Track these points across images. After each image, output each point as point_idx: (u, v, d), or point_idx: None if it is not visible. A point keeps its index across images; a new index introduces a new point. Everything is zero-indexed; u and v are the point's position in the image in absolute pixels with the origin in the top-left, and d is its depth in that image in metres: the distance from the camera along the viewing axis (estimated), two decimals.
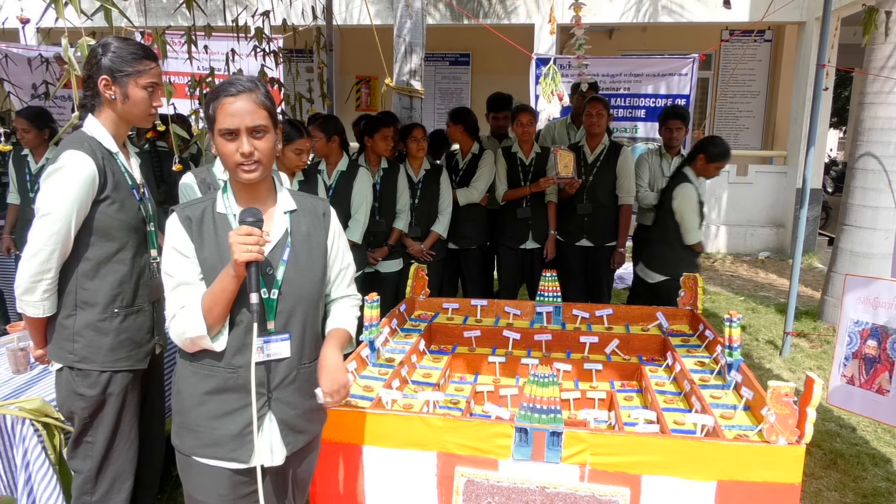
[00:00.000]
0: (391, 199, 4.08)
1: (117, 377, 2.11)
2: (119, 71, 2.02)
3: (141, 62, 2.04)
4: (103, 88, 2.03)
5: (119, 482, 2.18)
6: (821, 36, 4.57)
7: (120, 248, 2.09)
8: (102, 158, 2.02)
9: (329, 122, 3.90)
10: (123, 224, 2.07)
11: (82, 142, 2.01)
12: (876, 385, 2.60)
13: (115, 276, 2.09)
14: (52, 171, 1.97)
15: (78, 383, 2.08)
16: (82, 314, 2.06)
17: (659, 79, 5.58)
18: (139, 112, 2.08)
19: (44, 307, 2.03)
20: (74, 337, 2.06)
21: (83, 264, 2.04)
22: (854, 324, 2.69)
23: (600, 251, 4.39)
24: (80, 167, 1.96)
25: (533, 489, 2.04)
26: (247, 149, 1.58)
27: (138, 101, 2.06)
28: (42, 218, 1.94)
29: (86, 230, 2.02)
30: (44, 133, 4.21)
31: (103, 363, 2.08)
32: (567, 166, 4.15)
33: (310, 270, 1.72)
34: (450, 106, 7.20)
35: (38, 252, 1.94)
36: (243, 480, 1.70)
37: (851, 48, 8.83)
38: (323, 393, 1.66)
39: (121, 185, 2.07)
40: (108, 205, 2.03)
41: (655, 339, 3.08)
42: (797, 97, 8.44)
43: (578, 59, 5.37)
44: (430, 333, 3.21)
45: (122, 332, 2.11)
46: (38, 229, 1.94)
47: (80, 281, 2.05)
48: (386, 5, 8.50)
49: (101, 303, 2.07)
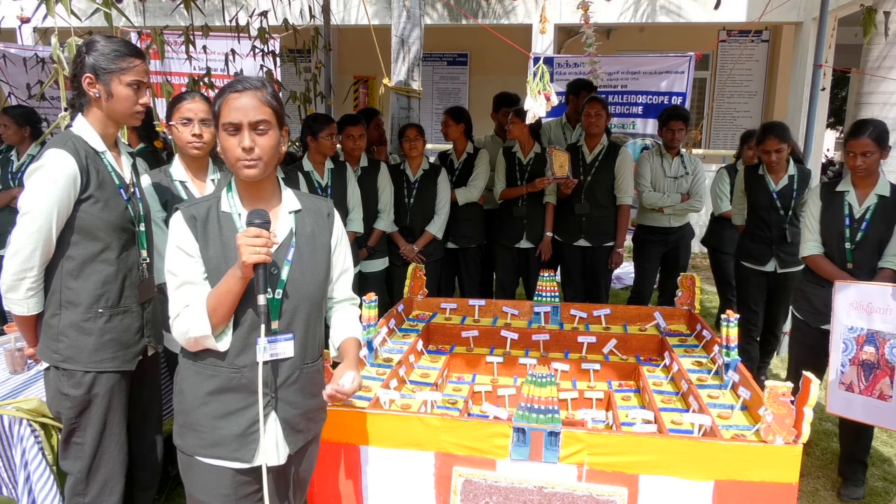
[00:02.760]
0: (371, 198, 4.05)
1: (102, 378, 2.10)
2: (102, 69, 2.01)
3: (124, 59, 2.03)
4: (87, 86, 2.03)
5: (111, 484, 2.17)
6: (818, 36, 4.58)
7: (104, 248, 2.07)
8: (86, 157, 2.01)
9: None
10: (108, 224, 2.06)
11: (66, 141, 2.00)
12: (877, 391, 2.58)
13: (99, 275, 2.07)
14: (33, 170, 1.97)
15: (63, 383, 2.07)
16: (66, 314, 2.05)
17: (656, 76, 5.61)
18: (124, 109, 2.07)
19: (28, 305, 2.02)
20: (59, 336, 2.05)
21: (67, 263, 2.04)
22: (848, 330, 2.67)
23: (598, 251, 4.39)
24: (60, 166, 1.95)
25: (531, 489, 2.04)
26: (247, 143, 1.57)
27: (122, 98, 2.05)
28: (23, 216, 1.95)
29: (69, 229, 2.01)
30: (24, 130, 4.27)
31: (87, 363, 2.06)
32: (562, 166, 4.16)
33: (313, 271, 1.73)
34: (447, 106, 7.21)
35: (20, 250, 1.95)
36: (245, 480, 1.70)
37: (848, 48, 8.85)
38: (335, 389, 1.67)
39: (106, 185, 2.06)
40: (92, 204, 2.02)
41: (653, 339, 3.09)
42: (794, 97, 8.45)
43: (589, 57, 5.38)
44: (427, 333, 3.21)
45: (106, 333, 2.09)
46: (19, 227, 1.95)
47: (65, 280, 2.04)
48: (384, 5, 8.50)
49: (85, 303, 2.05)
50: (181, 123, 2.55)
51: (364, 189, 3.99)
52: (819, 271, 3.08)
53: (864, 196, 3.00)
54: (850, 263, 3.00)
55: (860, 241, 2.98)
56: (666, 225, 4.53)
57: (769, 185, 3.83)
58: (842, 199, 3.05)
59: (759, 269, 3.91)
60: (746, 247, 3.98)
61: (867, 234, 2.96)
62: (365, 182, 4.02)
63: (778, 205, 3.80)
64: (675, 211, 4.50)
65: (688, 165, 4.54)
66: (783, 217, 3.80)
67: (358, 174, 4.01)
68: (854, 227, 2.99)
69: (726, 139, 10.14)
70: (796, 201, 3.78)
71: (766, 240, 3.86)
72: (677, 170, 4.52)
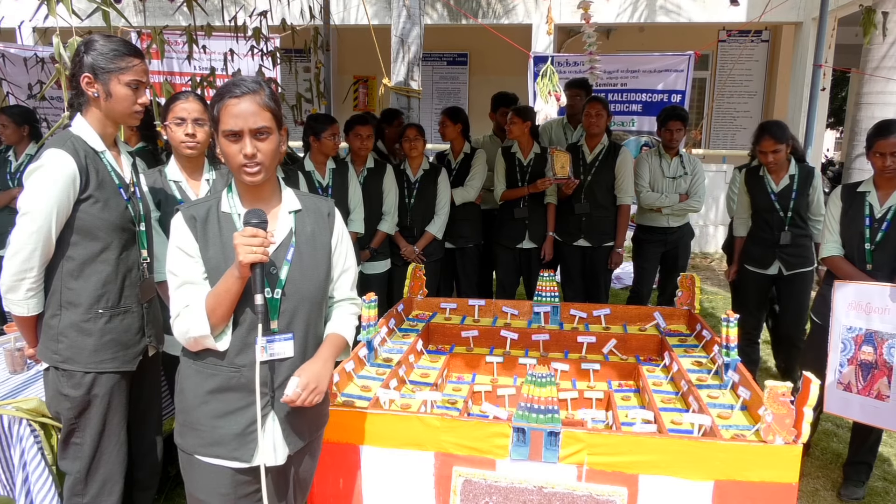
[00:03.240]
0: (376, 200, 4.05)
1: (102, 378, 2.10)
2: (101, 68, 2.01)
3: (123, 59, 2.03)
4: (86, 86, 2.03)
5: (110, 484, 2.17)
6: (818, 36, 4.59)
7: (104, 248, 2.07)
8: (86, 157, 2.01)
9: None
10: (107, 224, 2.06)
11: (65, 141, 2.00)
12: (875, 391, 2.58)
13: (99, 276, 2.07)
14: (32, 170, 1.97)
15: (63, 384, 2.07)
16: (66, 314, 2.05)
17: (655, 75, 5.61)
18: (122, 109, 2.07)
19: (28, 306, 2.02)
20: (59, 337, 2.05)
21: (68, 264, 2.03)
22: (847, 330, 2.67)
23: (598, 251, 4.39)
24: (60, 166, 1.95)
25: (530, 489, 2.04)
26: (249, 150, 1.58)
27: (121, 98, 2.05)
28: (23, 216, 1.95)
29: (69, 229, 2.01)
30: (22, 129, 4.27)
31: (87, 364, 2.06)
32: (563, 167, 4.16)
33: (313, 271, 1.72)
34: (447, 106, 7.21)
35: (20, 250, 1.94)
36: (245, 480, 1.70)
37: (848, 48, 8.86)
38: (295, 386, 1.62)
39: (105, 185, 2.06)
40: (92, 204, 2.02)
41: (653, 339, 3.08)
42: (794, 97, 8.46)
43: (590, 56, 5.38)
44: (427, 333, 3.21)
45: (106, 333, 2.09)
46: (19, 228, 1.95)
47: (65, 280, 2.04)
48: (384, 5, 8.50)
49: (85, 303, 2.05)
50: (175, 123, 2.55)
51: (369, 190, 4.00)
52: (838, 272, 3.03)
53: (885, 196, 2.96)
54: (870, 264, 2.95)
55: (880, 241, 2.93)
56: (665, 225, 4.53)
57: (769, 185, 3.76)
58: (863, 200, 3.01)
59: (761, 272, 3.85)
60: (749, 249, 3.93)
61: (888, 235, 2.92)
62: (370, 183, 4.03)
63: (777, 206, 3.73)
64: (674, 211, 4.50)
65: (686, 166, 4.53)
66: (784, 218, 3.73)
67: (364, 175, 4.02)
68: (874, 228, 2.96)
69: (726, 139, 10.15)
70: (797, 202, 3.70)
71: (767, 242, 3.80)
72: (676, 170, 4.51)
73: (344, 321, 1.84)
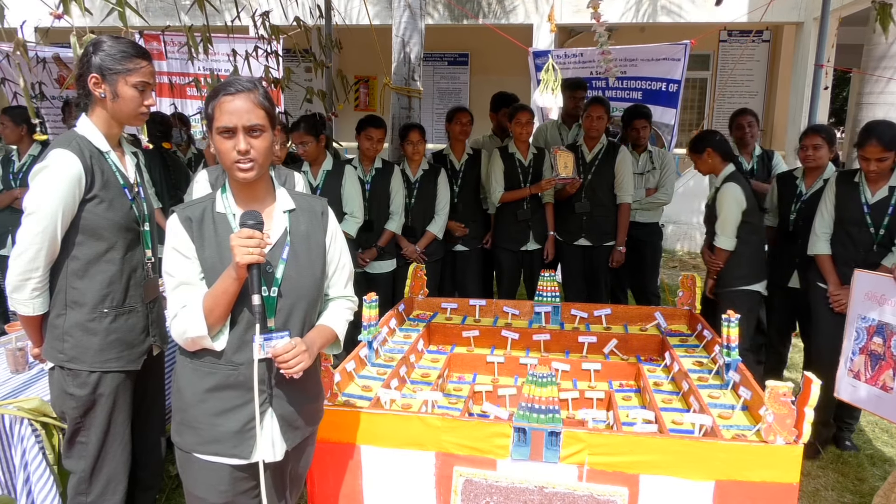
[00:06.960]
0: (384, 199, 4.06)
1: (107, 378, 2.10)
2: (109, 69, 2.02)
3: (131, 60, 2.04)
4: (93, 86, 2.03)
5: (114, 484, 2.18)
6: (819, 36, 4.59)
7: (109, 248, 2.08)
8: (91, 157, 2.02)
9: (318, 123, 3.87)
10: (112, 223, 2.06)
11: (70, 141, 2.01)
12: (880, 382, 2.60)
13: (105, 275, 2.07)
14: (38, 170, 1.97)
15: (68, 383, 2.08)
16: (72, 314, 2.06)
17: (652, 63, 5.65)
18: (129, 110, 2.07)
19: (33, 305, 2.03)
20: (64, 336, 2.06)
21: (73, 263, 2.04)
22: (861, 319, 2.70)
23: (599, 250, 4.39)
24: (65, 166, 1.96)
25: (531, 489, 2.04)
26: (243, 147, 1.59)
27: (128, 99, 2.05)
28: (28, 216, 1.95)
29: (74, 229, 2.02)
30: (21, 128, 4.28)
31: (92, 363, 2.07)
32: (567, 166, 4.16)
33: (309, 269, 1.74)
34: (448, 106, 7.17)
35: (25, 250, 1.95)
36: (243, 476, 1.72)
37: (850, 48, 8.84)
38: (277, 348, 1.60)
39: (110, 185, 2.07)
40: (97, 204, 2.03)
41: (654, 339, 3.09)
42: (795, 97, 8.45)
43: (603, 55, 5.39)
44: (428, 333, 3.21)
45: (111, 333, 2.09)
46: (24, 228, 1.95)
47: (70, 280, 2.05)
48: (385, 5, 8.50)
49: (90, 303, 2.06)
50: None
51: (376, 191, 4.01)
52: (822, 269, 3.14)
53: (875, 190, 3.13)
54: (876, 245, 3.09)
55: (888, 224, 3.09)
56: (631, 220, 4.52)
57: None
58: (857, 188, 3.17)
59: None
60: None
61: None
62: (378, 184, 4.04)
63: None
64: (641, 206, 4.55)
65: (655, 160, 4.62)
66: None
67: (372, 174, 4.03)
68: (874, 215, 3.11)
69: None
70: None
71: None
72: (644, 165, 4.60)
73: (335, 314, 1.84)
